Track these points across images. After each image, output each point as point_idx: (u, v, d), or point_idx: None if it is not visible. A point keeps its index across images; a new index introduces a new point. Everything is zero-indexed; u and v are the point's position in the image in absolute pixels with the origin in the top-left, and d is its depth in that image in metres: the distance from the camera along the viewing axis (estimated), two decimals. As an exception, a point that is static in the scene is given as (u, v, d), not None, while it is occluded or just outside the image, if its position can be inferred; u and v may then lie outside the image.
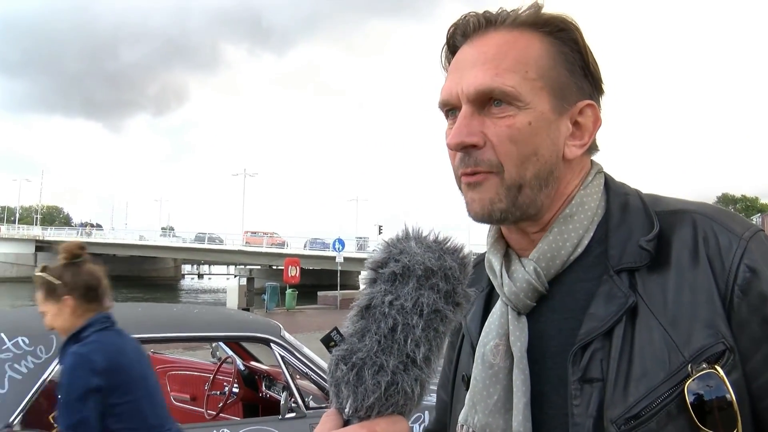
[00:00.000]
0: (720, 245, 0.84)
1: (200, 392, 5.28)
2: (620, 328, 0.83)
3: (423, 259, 0.76)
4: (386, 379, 0.71)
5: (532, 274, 0.91)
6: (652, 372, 0.80)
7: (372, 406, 0.71)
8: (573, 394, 0.84)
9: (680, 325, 0.81)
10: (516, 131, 0.88)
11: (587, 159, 0.97)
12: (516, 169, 0.88)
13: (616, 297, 0.85)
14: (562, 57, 0.91)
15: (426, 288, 0.75)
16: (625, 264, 0.86)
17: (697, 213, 0.88)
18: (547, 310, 0.92)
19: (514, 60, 0.88)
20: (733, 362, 0.79)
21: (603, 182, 0.96)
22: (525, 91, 0.88)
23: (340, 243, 30.80)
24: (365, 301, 0.76)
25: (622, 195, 0.94)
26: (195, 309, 5.21)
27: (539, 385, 0.89)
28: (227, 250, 62.70)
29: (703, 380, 0.77)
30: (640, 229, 0.88)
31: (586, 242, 0.91)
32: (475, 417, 0.93)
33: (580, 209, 0.92)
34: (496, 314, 0.96)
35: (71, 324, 2.57)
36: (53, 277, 2.59)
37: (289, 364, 3.98)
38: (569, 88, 0.91)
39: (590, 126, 0.93)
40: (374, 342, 0.73)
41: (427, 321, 0.74)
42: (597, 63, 0.94)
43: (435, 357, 0.75)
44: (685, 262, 0.84)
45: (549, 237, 0.92)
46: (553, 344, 0.90)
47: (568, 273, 0.91)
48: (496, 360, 0.92)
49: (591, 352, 0.84)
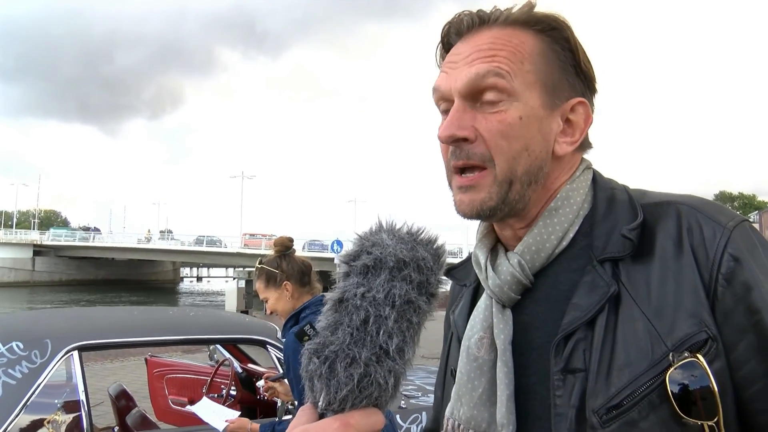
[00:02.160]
0: (704, 235, 0.84)
1: (198, 395, 5.27)
2: (603, 317, 0.83)
3: (395, 251, 0.76)
4: (359, 371, 0.71)
5: (516, 267, 0.91)
6: (634, 361, 0.80)
7: (345, 398, 0.71)
8: (555, 384, 0.84)
9: (663, 314, 0.81)
10: (507, 126, 0.88)
11: (578, 156, 0.97)
12: (507, 164, 0.89)
13: (599, 286, 0.85)
14: (554, 54, 0.92)
15: (398, 279, 0.75)
16: (608, 254, 0.87)
17: (682, 204, 0.88)
18: (532, 302, 0.92)
19: (510, 52, 0.90)
20: (716, 351, 0.79)
21: (591, 177, 0.97)
22: (518, 81, 0.88)
23: (338, 244, 30.71)
24: (338, 295, 0.76)
25: (609, 189, 0.95)
26: (191, 312, 5.19)
27: (524, 377, 0.89)
28: (226, 252, 62.65)
29: (686, 369, 0.77)
30: (624, 221, 0.88)
31: (571, 235, 0.91)
32: (461, 410, 0.94)
33: (566, 203, 0.92)
34: (480, 307, 0.96)
35: (291, 306, 2.96)
36: (272, 267, 2.99)
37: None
38: (561, 85, 0.92)
39: (581, 123, 0.93)
40: (347, 334, 0.73)
41: (400, 312, 0.74)
42: (589, 62, 0.94)
43: (409, 348, 0.75)
44: (669, 252, 0.84)
45: (534, 230, 0.92)
46: (537, 336, 0.90)
47: (553, 265, 0.92)
48: (480, 353, 0.93)
49: (574, 342, 0.84)
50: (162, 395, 5.67)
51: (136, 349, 8.76)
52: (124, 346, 3.92)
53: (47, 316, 4.66)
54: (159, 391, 5.69)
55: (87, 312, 6.31)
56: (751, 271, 0.81)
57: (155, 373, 5.78)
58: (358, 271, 0.76)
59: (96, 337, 3.62)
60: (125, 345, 3.87)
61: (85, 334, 3.57)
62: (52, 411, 3.23)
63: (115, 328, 3.85)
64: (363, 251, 0.77)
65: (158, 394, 5.70)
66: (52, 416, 3.22)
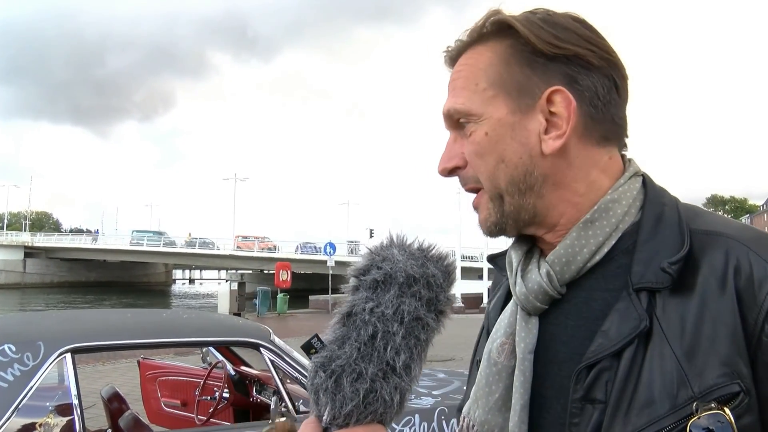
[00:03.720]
0: (754, 277, 0.76)
1: (191, 397, 5.26)
2: (631, 350, 0.78)
3: (405, 267, 0.76)
4: (365, 387, 0.71)
5: (545, 278, 0.89)
6: (657, 402, 0.75)
7: (350, 413, 0.71)
8: (572, 412, 0.82)
9: (695, 357, 0.75)
10: (477, 145, 0.88)
11: (598, 150, 0.89)
12: (489, 181, 0.89)
13: (631, 318, 0.80)
14: (514, 55, 0.88)
15: (408, 295, 0.75)
16: (645, 283, 0.81)
17: (734, 238, 0.81)
18: (562, 313, 0.89)
19: (465, 78, 0.90)
20: (747, 405, 0.73)
21: (638, 186, 0.90)
22: (475, 105, 0.88)
23: (331, 247, 30.74)
24: (346, 309, 0.76)
25: (659, 204, 0.88)
26: (184, 314, 5.18)
27: (543, 388, 0.87)
28: (219, 254, 62.41)
29: (711, 418, 0.72)
30: (668, 248, 0.82)
31: (606, 250, 0.87)
32: (477, 412, 0.93)
33: (604, 215, 0.87)
34: (507, 312, 0.95)
35: None
36: None
37: (279, 368, 3.97)
38: (530, 83, 0.87)
39: (563, 112, 0.85)
40: (354, 349, 0.72)
41: (408, 329, 0.74)
42: (558, 42, 0.86)
43: (416, 365, 0.75)
44: (711, 290, 0.78)
45: (567, 241, 0.88)
46: (562, 350, 0.87)
47: (589, 279, 0.88)
48: (500, 358, 0.91)
49: (597, 371, 0.80)
50: (154, 398, 5.65)
51: (128, 351, 8.72)
52: (117, 348, 3.92)
53: (40, 319, 4.65)
54: (151, 394, 5.67)
55: (80, 314, 6.29)
56: None
57: (148, 375, 5.76)
58: (368, 285, 0.76)
59: (89, 339, 3.61)
60: (118, 347, 3.86)
61: (78, 336, 3.56)
62: (44, 414, 3.22)
63: (108, 330, 3.84)
64: (373, 266, 0.77)
65: (151, 397, 5.68)
66: (44, 419, 3.20)
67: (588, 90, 0.87)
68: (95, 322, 4.18)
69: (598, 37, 0.88)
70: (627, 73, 0.91)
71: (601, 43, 0.88)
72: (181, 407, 5.45)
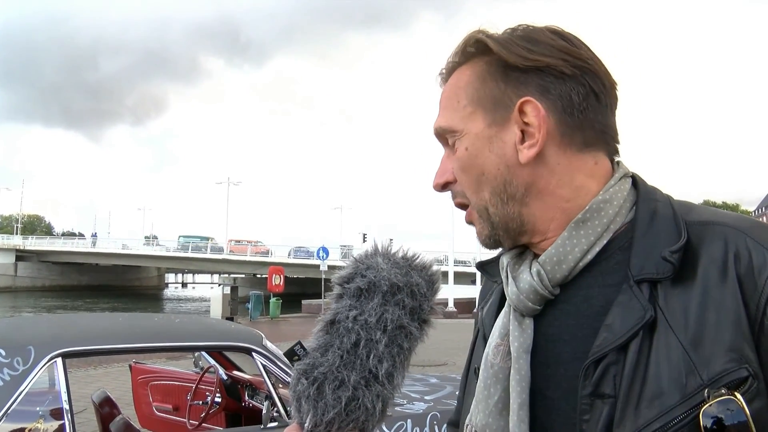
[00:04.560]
0: (753, 263, 0.78)
1: (183, 402, 5.23)
2: (636, 342, 0.79)
3: (389, 275, 0.77)
4: (347, 395, 0.71)
5: (536, 277, 0.89)
6: (666, 393, 0.75)
7: (332, 421, 0.71)
8: (582, 408, 0.81)
9: (701, 345, 0.76)
10: (459, 161, 0.92)
11: (578, 156, 0.90)
12: (474, 195, 0.92)
13: (635, 309, 0.80)
14: (491, 70, 0.90)
15: (391, 304, 0.75)
16: (646, 274, 0.82)
17: (731, 226, 0.82)
18: (562, 314, 0.89)
19: (447, 97, 0.95)
20: (757, 389, 0.74)
21: (628, 187, 0.91)
22: (456, 122, 0.92)
23: (324, 251, 30.62)
24: (330, 316, 0.77)
25: (652, 201, 0.89)
26: (176, 319, 5.17)
27: (548, 390, 0.88)
28: (211, 258, 62.20)
29: (722, 404, 0.73)
30: (665, 239, 0.83)
31: (598, 249, 0.87)
32: (478, 416, 0.93)
33: (595, 215, 0.88)
34: (502, 314, 0.95)
35: None
36: None
37: (271, 373, 3.96)
38: (505, 96, 0.89)
39: (535, 121, 0.87)
40: (337, 357, 0.73)
41: (391, 337, 0.74)
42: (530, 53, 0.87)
43: (398, 373, 0.76)
44: (712, 279, 0.79)
45: (558, 241, 0.89)
46: (566, 350, 0.87)
47: (585, 277, 0.88)
48: (496, 360, 0.92)
49: (604, 366, 0.80)
50: (146, 402, 5.63)
51: (120, 355, 8.68)
52: (108, 352, 3.89)
53: (30, 323, 4.63)
54: (143, 398, 5.65)
55: (71, 318, 6.26)
56: None
57: (139, 379, 5.74)
58: (352, 293, 0.77)
59: (80, 343, 3.59)
60: (109, 352, 3.84)
61: (70, 340, 3.54)
62: (34, 419, 3.20)
63: (99, 334, 3.82)
64: (357, 274, 0.78)
65: (142, 401, 5.66)
66: (33, 424, 3.18)
67: (561, 98, 0.88)
68: (86, 326, 4.16)
69: (574, 46, 0.89)
70: (613, 79, 0.92)
71: (576, 52, 0.88)
72: (172, 412, 5.42)
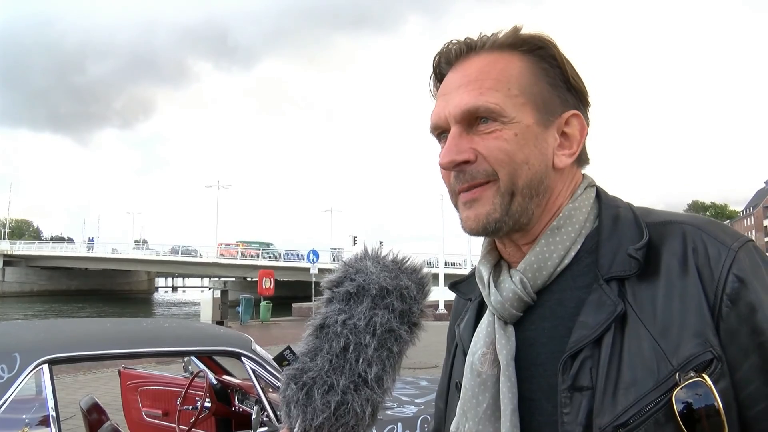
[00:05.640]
0: (709, 255, 0.84)
1: (172, 407, 5.20)
2: (609, 336, 0.84)
3: (378, 279, 0.76)
4: (336, 399, 0.71)
5: (518, 285, 0.93)
6: (640, 380, 0.80)
7: (321, 426, 0.71)
8: (563, 402, 0.85)
9: (669, 334, 0.81)
10: (504, 142, 0.91)
11: (578, 171, 1.00)
12: (509, 177, 0.92)
13: (606, 305, 0.86)
14: (542, 72, 0.94)
15: (381, 307, 0.75)
16: (614, 272, 0.88)
17: (687, 224, 0.89)
18: (537, 318, 0.93)
19: (496, 79, 0.93)
20: (721, 371, 0.79)
21: (593, 195, 0.98)
22: (508, 107, 0.91)
23: (314, 254, 30.60)
24: (319, 321, 0.76)
25: (614, 207, 0.96)
26: (165, 323, 5.12)
27: (530, 392, 0.90)
28: (201, 262, 61.97)
29: (692, 389, 0.78)
30: (629, 239, 0.90)
31: (573, 254, 0.93)
32: (466, 425, 0.94)
33: (568, 222, 0.94)
34: (484, 323, 0.98)
35: None
36: None
37: (261, 377, 3.94)
38: (552, 102, 0.94)
39: (577, 135, 0.96)
40: (326, 361, 0.73)
41: (381, 341, 0.74)
42: (579, 76, 0.97)
43: (388, 377, 0.75)
44: (674, 271, 0.85)
45: (536, 248, 0.93)
46: (543, 352, 0.91)
47: (559, 282, 0.93)
48: (483, 368, 0.93)
49: (581, 360, 0.85)
50: (135, 407, 5.58)
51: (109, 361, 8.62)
52: (95, 358, 3.85)
53: (16, 329, 4.56)
54: (132, 404, 5.60)
55: (58, 324, 6.19)
56: (755, 292, 0.82)
57: (129, 385, 5.69)
58: (341, 297, 0.77)
59: (67, 350, 3.55)
60: (97, 357, 3.80)
61: (56, 347, 3.50)
62: (20, 427, 3.17)
63: (86, 340, 3.78)
64: (347, 278, 0.78)
65: (132, 407, 5.61)
66: (20, 432, 3.15)
67: (586, 120, 0.98)
68: (73, 332, 4.11)
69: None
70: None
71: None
72: (162, 417, 5.38)
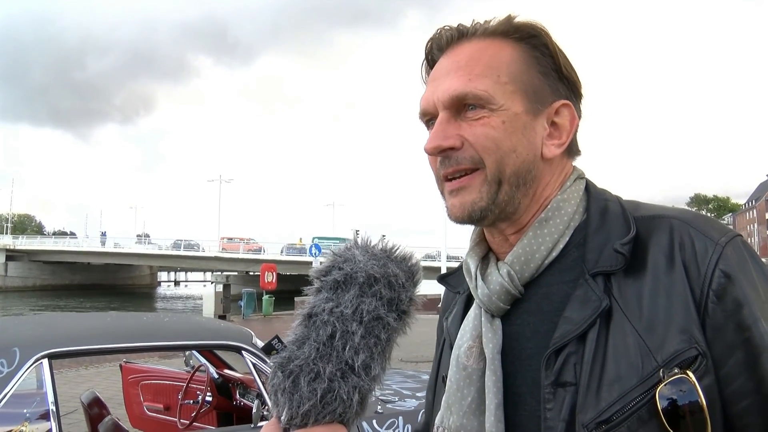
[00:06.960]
0: (696, 250, 0.83)
1: (173, 401, 5.22)
2: (594, 331, 0.83)
3: (366, 267, 0.77)
4: (322, 387, 0.71)
5: (506, 278, 0.92)
6: (624, 377, 0.79)
7: (308, 413, 0.71)
8: (546, 398, 0.84)
9: (654, 330, 0.80)
10: (492, 129, 0.90)
11: (567, 162, 0.98)
12: (496, 165, 0.90)
13: (591, 300, 0.85)
14: (534, 61, 0.93)
15: (368, 295, 0.75)
16: (600, 268, 0.87)
17: (675, 218, 0.88)
18: (523, 312, 0.92)
19: (486, 66, 0.91)
20: (706, 367, 0.79)
21: (583, 188, 0.97)
22: (497, 95, 0.91)
23: (317, 248, 30.66)
24: (307, 310, 0.77)
25: (602, 201, 0.95)
26: (166, 317, 5.13)
27: (514, 387, 0.90)
28: (203, 256, 62.18)
29: (675, 385, 0.77)
30: (617, 234, 0.88)
31: (561, 246, 0.92)
32: (450, 418, 0.94)
33: (556, 214, 0.93)
34: (470, 316, 0.97)
35: None
36: None
37: (261, 371, 3.94)
38: (543, 90, 0.93)
39: (567, 125, 0.95)
40: (312, 349, 0.73)
41: (368, 328, 0.74)
42: (572, 66, 0.96)
43: (376, 365, 0.75)
44: (661, 267, 0.84)
45: (524, 240, 0.92)
46: (528, 346, 0.90)
47: (545, 276, 0.92)
48: (469, 362, 0.93)
49: (565, 355, 0.84)
50: (137, 402, 5.61)
51: (109, 355, 8.65)
52: (96, 353, 3.85)
53: (16, 324, 4.58)
54: (134, 398, 5.63)
55: (58, 318, 6.21)
56: (741, 288, 0.81)
57: (130, 379, 5.71)
58: (329, 286, 0.77)
59: (67, 344, 3.55)
60: (97, 352, 3.80)
61: (56, 341, 3.50)
62: (19, 421, 3.17)
63: (87, 334, 3.79)
64: (335, 267, 0.78)
65: (133, 401, 5.64)
66: (19, 427, 3.15)
67: (577, 111, 0.97)
68: (73, 326, 4.12)
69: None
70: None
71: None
72: (163, 411, 5.40)
